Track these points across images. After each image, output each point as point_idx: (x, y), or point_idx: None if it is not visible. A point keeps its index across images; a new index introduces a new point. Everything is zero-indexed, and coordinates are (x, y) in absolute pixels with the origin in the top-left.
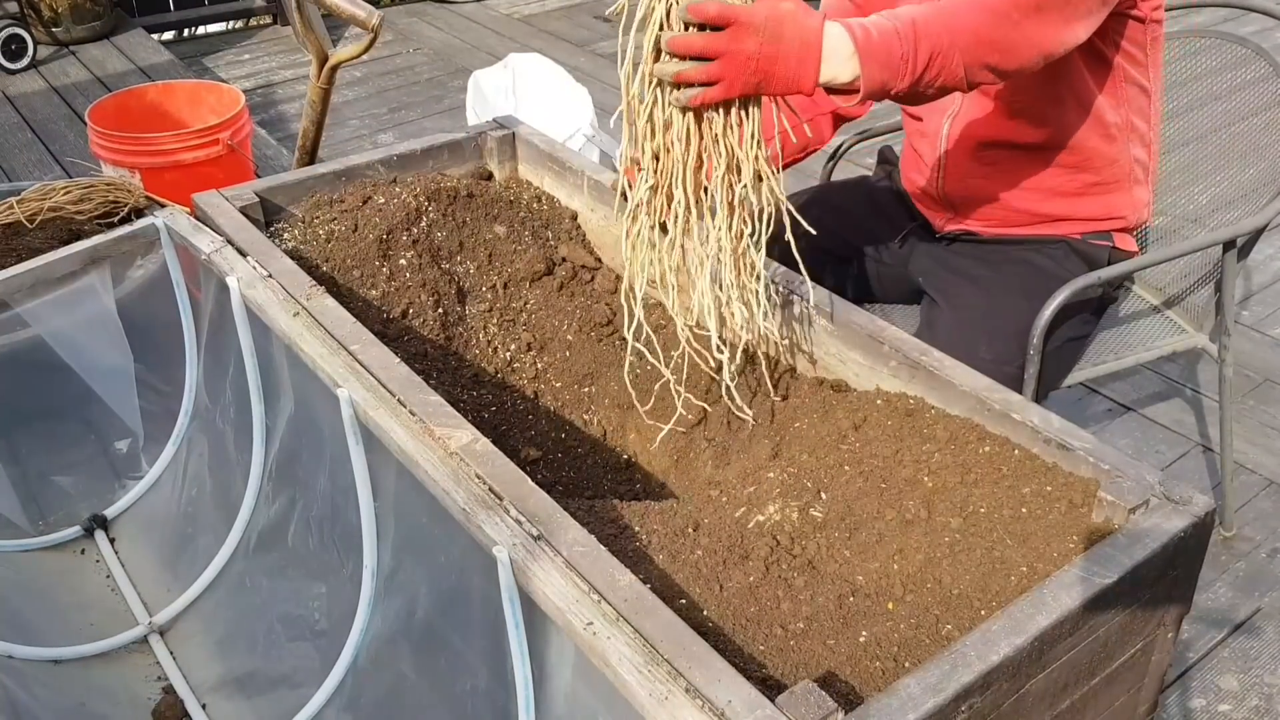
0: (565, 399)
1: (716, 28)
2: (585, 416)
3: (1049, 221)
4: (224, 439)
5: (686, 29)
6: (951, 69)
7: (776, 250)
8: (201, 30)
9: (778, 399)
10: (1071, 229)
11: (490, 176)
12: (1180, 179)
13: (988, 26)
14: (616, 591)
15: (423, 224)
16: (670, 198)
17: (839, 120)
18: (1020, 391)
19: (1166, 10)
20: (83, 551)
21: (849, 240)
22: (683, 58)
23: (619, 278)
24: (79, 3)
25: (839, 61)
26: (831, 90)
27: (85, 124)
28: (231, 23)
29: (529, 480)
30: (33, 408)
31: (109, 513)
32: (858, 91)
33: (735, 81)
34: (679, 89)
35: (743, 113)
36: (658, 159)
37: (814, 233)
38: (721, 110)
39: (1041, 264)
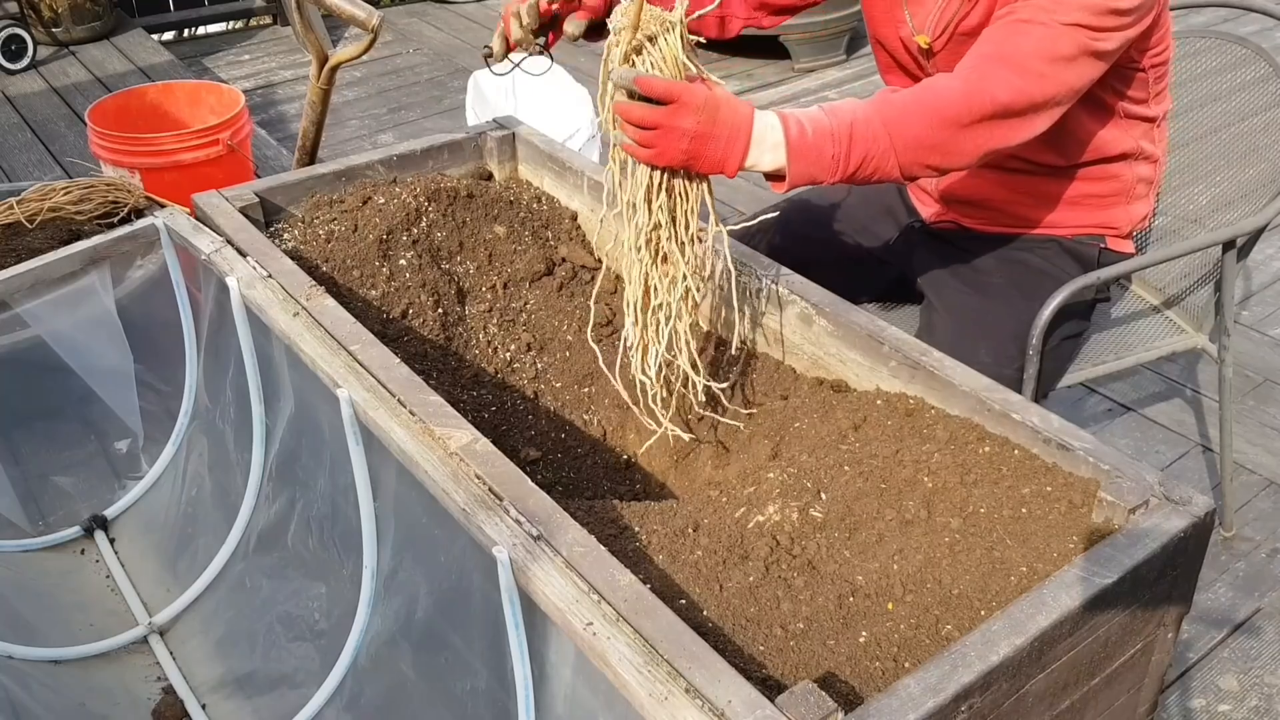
0: (565, 399)
1: (661, 101)
2: (585, 416)
3: (1038, 225)
4: (224, 439)
5: (632, 96)
6: (886, 169)
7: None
8: (201, 30)
9: (779, 400)
10: (1063, 232)
11: (490, 176)
12: (1180, 179)
13: (932, 131)
14: (616, 591)
15: (423, 224)
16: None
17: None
18: (1020, 392)
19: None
20: (83, 552)
21: (851, 239)
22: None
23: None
24: (79, 3)
25: (764, 150)
26: (768, 176)
27: (85, 124)
28: (231, 23)
29: (529, 480)
30: (33, 408)
31: (109, 513)
32: (784, 179)
33: (667, 153)
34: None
35: (678, 183)
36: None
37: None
38: (663, 175)
39: (1035, 263)
